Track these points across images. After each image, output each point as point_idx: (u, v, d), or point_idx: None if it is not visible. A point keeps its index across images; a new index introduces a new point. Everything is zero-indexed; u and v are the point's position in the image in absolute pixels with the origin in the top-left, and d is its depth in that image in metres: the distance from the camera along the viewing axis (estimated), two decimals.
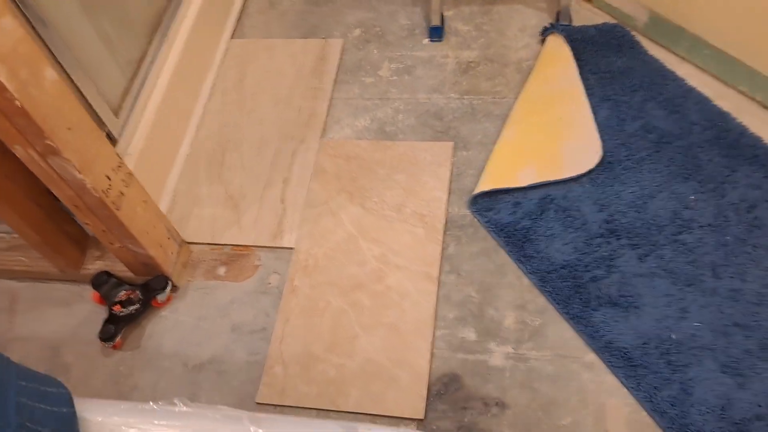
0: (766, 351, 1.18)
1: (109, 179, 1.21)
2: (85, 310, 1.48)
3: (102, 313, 1.43)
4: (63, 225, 1.44)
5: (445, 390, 1.24)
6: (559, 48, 1.67)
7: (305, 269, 1.44)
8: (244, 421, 0.58)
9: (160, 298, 1.42)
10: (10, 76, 0.96)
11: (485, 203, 1.47)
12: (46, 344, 1.45)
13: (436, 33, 1.81)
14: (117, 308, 1.40)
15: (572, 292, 1.31)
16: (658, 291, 1.27)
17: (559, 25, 1.72)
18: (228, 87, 1.81)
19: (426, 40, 1.83)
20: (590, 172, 1.46)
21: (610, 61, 1.65)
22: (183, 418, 0.59)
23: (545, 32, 1.74)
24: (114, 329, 1.38)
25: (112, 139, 1.45)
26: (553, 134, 1.54)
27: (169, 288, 1.43)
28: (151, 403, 0.63)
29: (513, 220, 1.43)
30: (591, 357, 1.24)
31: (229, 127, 1.72)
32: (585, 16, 1.78)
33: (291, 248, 1.48)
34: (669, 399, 1.15)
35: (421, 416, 1.21)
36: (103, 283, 1.44)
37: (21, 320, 1.49)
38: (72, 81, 1.31)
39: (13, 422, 0.53)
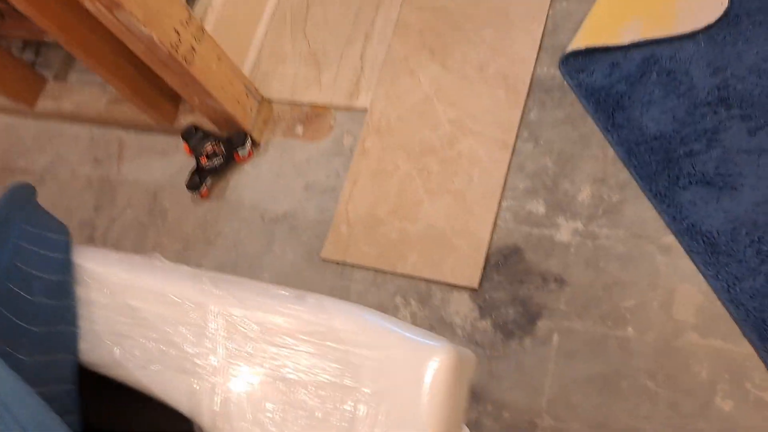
0: None
1: (178, 33, 1.22)
2: (181, 161, 1.58)
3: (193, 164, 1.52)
4: (155, 80, 1.50)
5: (504, 262, 1.20)
6: None
7: (377, 131, 1.40)
8: (203, 279, 0.60)
9: (241, 153, 1.48)
10: None
11: (578, 63, 1.31)
12: (147, 190, 1.58)
13: None
14: (203, 160, 1.48)
15: (661, 167, 1.16)
16: (763, 170, 1.10)
17: None
18: None
19: None
20: (709, 27, 1.24)
21: None
22: (161, 274, 0.62)
23: None
24: (199, 179, 1.47)
25: None
26: None
27: (248, 144, 1.47)
28: (138, 256, 0.67)
29: (607, 83, 1.27)
30: (670, 239, 1.12)
31: None
32: None
33: (366, 109, 1.44)
34: (750, 290, 1.03)
35: (475, 285, 1.19)
36: (191, 135, 1.51)
37: (127, 167, 1.64)
38: None
39: (4, 261, 0.59)
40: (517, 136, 1.30)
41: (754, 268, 1.04)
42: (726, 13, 1.23)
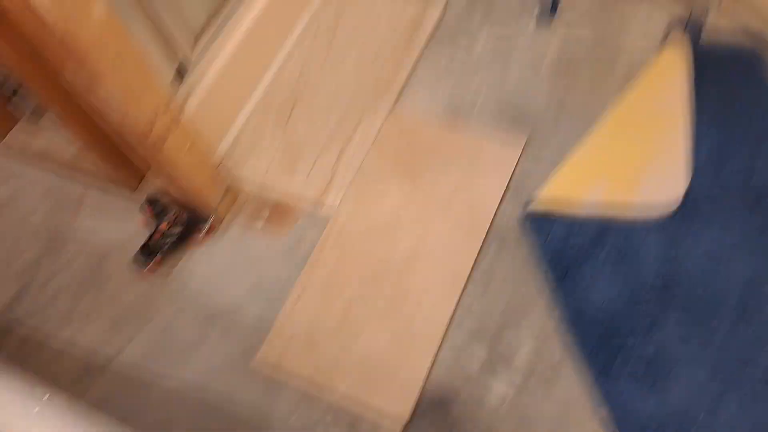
0: None
1: (152, 122, 1.21)
2: (136, 229, 1.55)
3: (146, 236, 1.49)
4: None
5: (434, 408, 1.19)
6: (676, 62, 1.44)
7: (337, 241, 1.41)
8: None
9: (197, 236, 1.46)
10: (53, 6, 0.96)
11: (538, 222, 1.34)
12: (95, 251, 1.55)
13: (547, 17, 1.62)
14: (156, 236, 1.46)
15: (597, 348, 1.18)
16: (694, 373, 1.12)
17: (686, 34, 1.48)
18: (320, 30, 1.75)
19: (534, 22, 1.64)
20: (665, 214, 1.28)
21: (731, 90, 1.40)
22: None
23: (666, 40, 1.50)
24: (147, 256, 1.44)
25: (182, 71, 1.46)
26: (639, 154, 1.36)
27: (206, 228, 1.46)
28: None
29: (561, 247, 1.30)
30: (594, 426, 1.12)
31: (308, 77, 1.68)
32: (720, 27, 1.51)
33: (329, 216, 1.45)
34: None
35: (402, 425, 1.18)
36: (154, 204, 1.49)
37: (81, 222, 1.60)
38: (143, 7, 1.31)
39: None
40: (468, 278, 1.31)
41: None
42: (683, 200, 1.28)
